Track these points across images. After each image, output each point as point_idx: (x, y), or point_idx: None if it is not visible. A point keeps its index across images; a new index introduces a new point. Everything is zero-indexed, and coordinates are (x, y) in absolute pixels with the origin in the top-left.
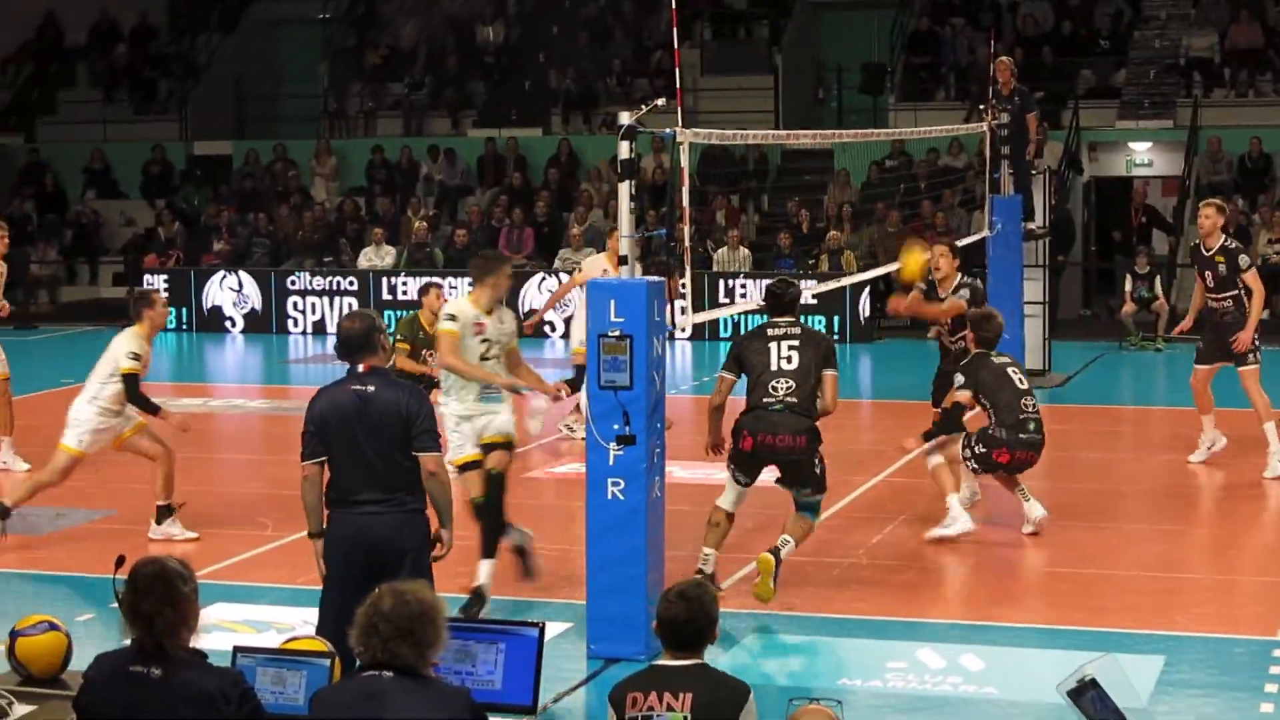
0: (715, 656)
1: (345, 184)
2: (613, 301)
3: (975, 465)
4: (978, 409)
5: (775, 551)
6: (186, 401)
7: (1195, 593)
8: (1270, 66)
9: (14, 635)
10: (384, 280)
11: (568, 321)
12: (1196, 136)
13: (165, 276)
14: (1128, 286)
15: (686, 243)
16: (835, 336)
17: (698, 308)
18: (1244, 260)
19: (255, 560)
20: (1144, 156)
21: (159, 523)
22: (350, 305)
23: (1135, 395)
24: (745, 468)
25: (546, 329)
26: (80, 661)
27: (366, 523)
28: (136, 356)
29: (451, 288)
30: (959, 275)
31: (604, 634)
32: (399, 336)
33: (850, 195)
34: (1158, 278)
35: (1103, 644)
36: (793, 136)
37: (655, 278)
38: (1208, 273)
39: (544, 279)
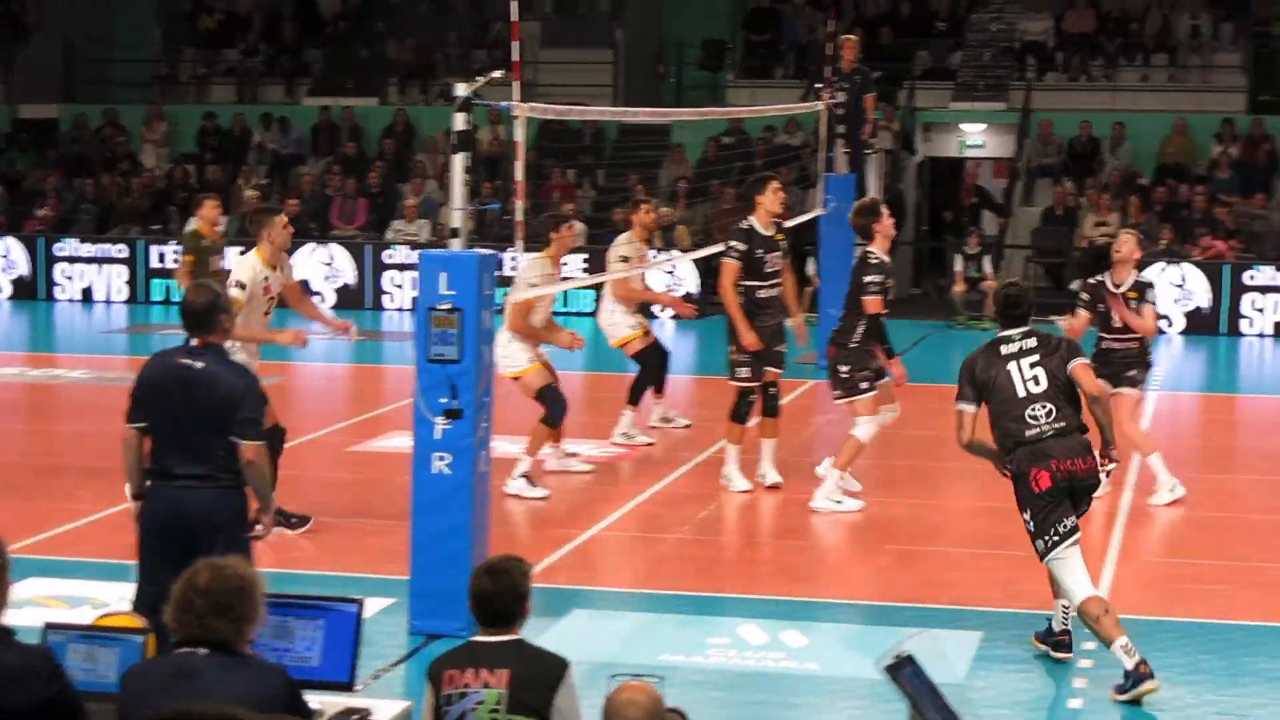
0: (536, 633)
1: (176, 150)
2: (444, 274)
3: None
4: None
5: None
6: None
7: (1014, 569)
8: (1102, 52)
9: None
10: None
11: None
12: (1028, 119)
13: None
14: (958, 266)
15: (520, 217)
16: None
17: None
18: (1151, 294)
19: (71, 534)
20: (977, 138)
21: None
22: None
23: None
24: (1053, 511)
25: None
26: None
27: (181, 496)
28: None
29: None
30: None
31: (427, 610)
32: (183, 248)
33: (686, 171)
34: (987, 258)
35: (922, 620)
36: (629, 113)
37: (487, 250)
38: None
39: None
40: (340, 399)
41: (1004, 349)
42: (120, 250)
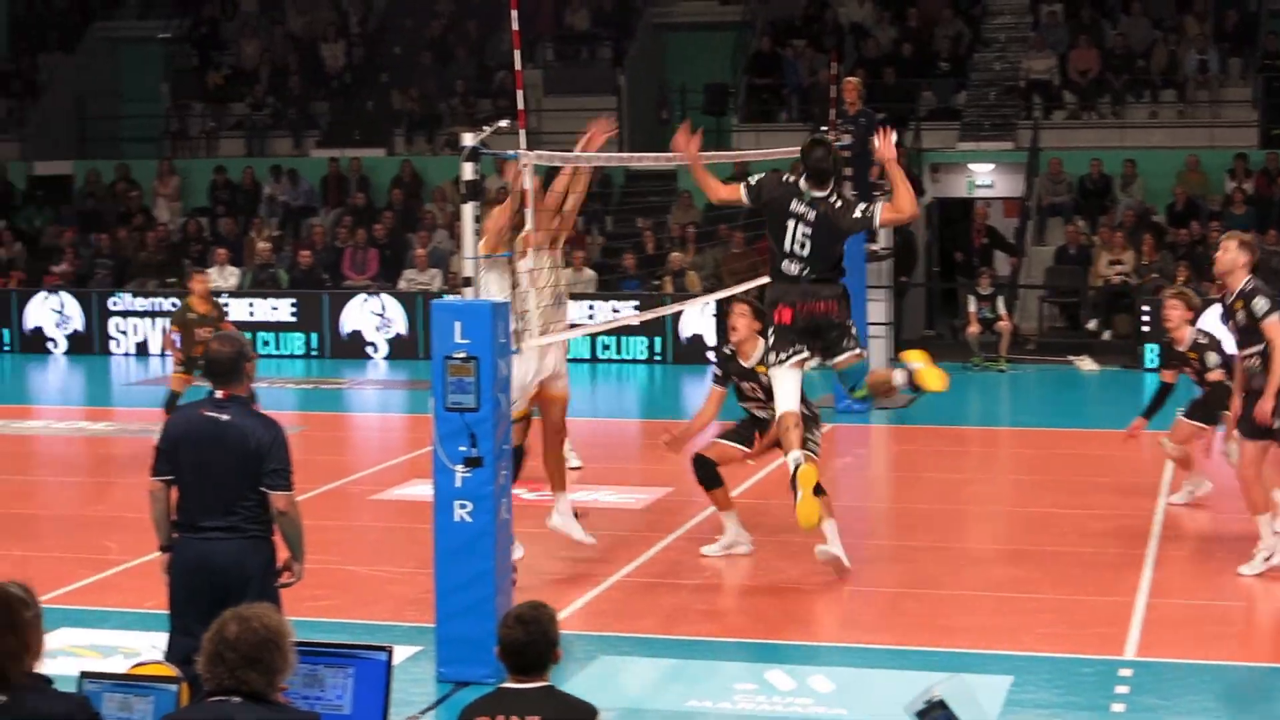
0: (561, 679)
1: (188, 204)
2: (458, 323)
3: None
4: None
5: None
6: (22, 424)
7: (1042, 613)
8: (1108, 89)
9: None
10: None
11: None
12: (1037, 158)
13: None
14: (971, 307)
15: (531, 264)
16: (658, 358)
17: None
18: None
19: (100, 584)
20: (985, 178)
21: None
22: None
23: (979, 416)
24: (786, 339)
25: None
26: None
27: (210, 549)
28: None
29: (293, 307)
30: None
31: (453, 657)
32: (171, 324)
33: (694, 216)
34: (1000, 298)
35: (951, 664)
36: (636, 158)
37: (501, 299)
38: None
39: (366, 300)
40: (362, 447)
41: (792, 206)
42: (173, 304)
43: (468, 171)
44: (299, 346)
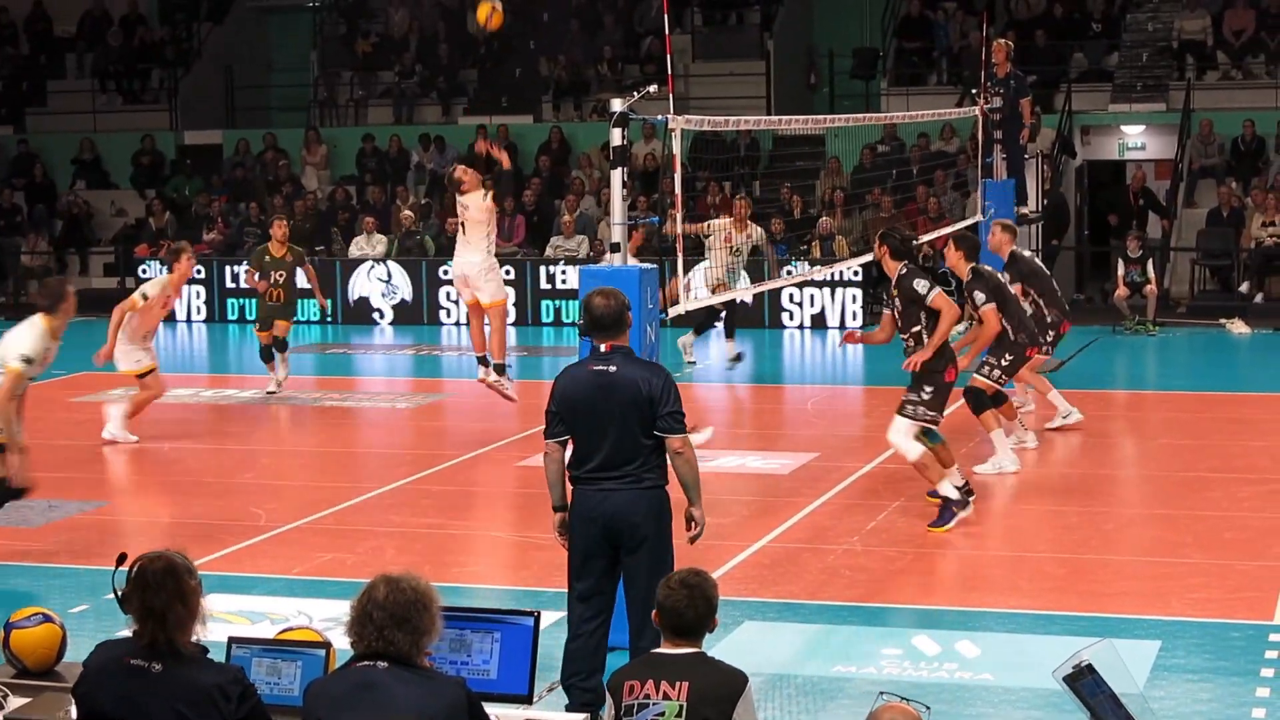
0: (709, 644)
1: (336, 173)
2: None
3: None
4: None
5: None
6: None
7: (1191, 577)
8: (1263, 49)
9: (8, 627)
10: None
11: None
12: (1189, 119)
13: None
14: (1120, 270)
15: (679, 229)
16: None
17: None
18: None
19: (248, 551)
20: (1137, 140)
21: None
22: None
23: (1130, 379)
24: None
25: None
26: (75, 653)
27: (604, 498)
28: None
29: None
30: None
31: None
32: (247, 264)
33: (842, 181)
34: (1150, 261)
35: (1099, 629)
36: (784, 122)
37: (648, 265)
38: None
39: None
40: (510, 414)
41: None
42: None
43: (616, 137)
44: None
